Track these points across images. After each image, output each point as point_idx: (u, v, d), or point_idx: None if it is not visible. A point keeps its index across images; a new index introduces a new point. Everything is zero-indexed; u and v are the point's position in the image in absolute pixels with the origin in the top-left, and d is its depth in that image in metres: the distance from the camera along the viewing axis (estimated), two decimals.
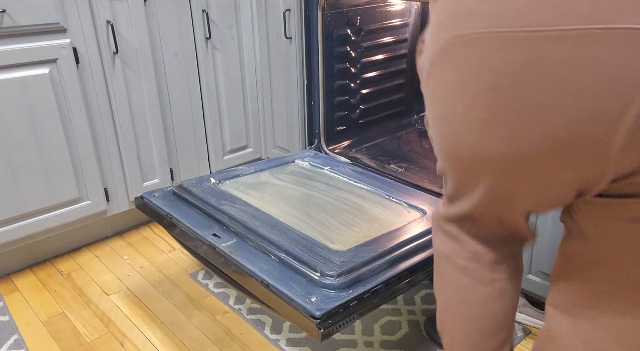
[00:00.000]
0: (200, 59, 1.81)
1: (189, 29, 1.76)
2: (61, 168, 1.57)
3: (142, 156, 1.76)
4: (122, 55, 1.61)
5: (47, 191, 1.56)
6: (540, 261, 1.23)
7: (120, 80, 1.62)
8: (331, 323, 0.95)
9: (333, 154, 1.81)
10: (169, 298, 1.52)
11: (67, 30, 1.49)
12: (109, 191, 1.71)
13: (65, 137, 1.55)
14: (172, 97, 1.79)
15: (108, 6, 1.54)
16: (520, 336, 1.31)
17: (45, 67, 1.47)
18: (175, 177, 1.88)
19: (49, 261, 1.72)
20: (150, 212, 1.41)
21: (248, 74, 1.97)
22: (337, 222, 1.30)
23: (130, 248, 1.79)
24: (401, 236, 1.20)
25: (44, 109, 1.49)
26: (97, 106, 1.61)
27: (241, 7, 1.86)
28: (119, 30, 1.58)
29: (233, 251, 1.16)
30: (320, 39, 1.70)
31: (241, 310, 1.45)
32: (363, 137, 1.98)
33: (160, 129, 1.77)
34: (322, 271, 1.05)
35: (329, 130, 1.87)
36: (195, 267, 1.66)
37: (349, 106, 1.93)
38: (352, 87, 1.91)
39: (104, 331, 1.39)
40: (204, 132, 1.92)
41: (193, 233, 1.25)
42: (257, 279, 1.07)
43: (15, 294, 1.55)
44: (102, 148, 1.66)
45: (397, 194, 1.45)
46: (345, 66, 1.85)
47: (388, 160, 1.78)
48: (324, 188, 1.51)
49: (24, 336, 1.37)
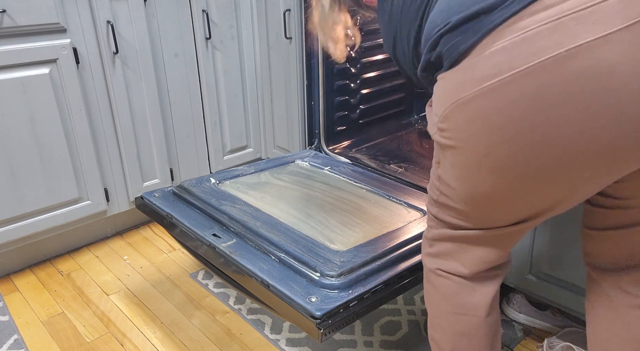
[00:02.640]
0: (200, 59, 1.81)
1: (189, 29, 1.76)
2: (61, 168, 1.57)
3: (142, 156, 1.76)
4: (122, 56, 1.61)
5: (47, 191, 1.56)
6: (540, 261, 1.23)
7: (120, 80, 1.62)
8: (331, 323, 0.95)
9: (333, 154, 1.81)
10: (169, 298, 1.52)
11: (67, 30, 1.49)
12: (109, 191, 1.71)
13: (65, 137, 1.55)
14: (172, 97, 1.79)
15: (108, 6, 1.54)
16: (520, 336, 1.31)
17: (45, 67, 1.47)
18: (175, 177, 1.88)
19: (49, 261, 1.72)
20: (150, 212, 1.41)
21: (248, 74, 1.97)
22: (337, 222, 1.30)
23: (130, 248, 1.79)
24: (401, 237, 1.20)
25: (44, 109, 1.49)
26: (97, 106, 1.61)
27: (241, 7, 1.86)
28: (119, 30, 1.58)
29: (233, 251, 1.16)
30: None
31: (241, 310, 1.45)
32: (363, 137, 1.98)
33: (160, 129, 1.77)
34: (322, 272, 1.05)
35: (329, 130, 1.87)
36: (195, 267, 1.66)
37: (349, 106, 1.92)
38: (352, 87, 1.91)
39: (104, 331, 1.39)
40: (204, 132, 1.92)
41: (193, 233, 1.25)
42: (257, 279, 1.07)
43: (15, 294, 1.55)
44: (102, 148, 1.66)
45: (397, 194, 1.45)
46: (346, 65, 1.85)
47: (388, 160, 1.78)
48: (324, 188, 1.51)
49: (24, 336, 1.37)
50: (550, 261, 1.21)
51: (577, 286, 1.18)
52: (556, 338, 1.22)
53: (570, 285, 1.19)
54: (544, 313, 1.33)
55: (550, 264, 1.21)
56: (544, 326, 1.33)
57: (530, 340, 1.31)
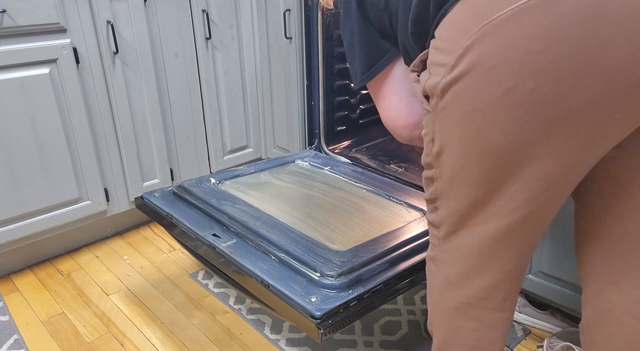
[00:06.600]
0: (200, 59, 1.81)
1: (189, 29, 1.76)
2: (61, 168, 1.57)
3: (142, 156, 1.76)
4: (122, 56, 1.61)
5: (47, 191, 1.56)
6: (540, 261, 1.23)
7: (120, 80, 1.62)
8: (331, 323, 0.95)
9: (333, 154, 1.81)
10: (169, 298, 1.52)
11: (67, 30, 1.49)
12: (109, 191, 1.71)
13: (65, 137, 1.55)
14: (172, 97, 1.79)
15: (108, 6, 1.54)
16: (520, 336, 1.31)
17: (45, 67, 1.47)
18: (175, 177, 1.88)
19: (49, 261, 1.72)
20: (150, 212, 1.41)
21: (248, 74, 1.97)
22: (337, 222, 1.30)
23: (130, 248, 1.79)
24: (401, 237, 1.20)
25: (44, 109, 1.49)
26: (97, 106, 1.61)
27: (241, 7, 1.86)
28: (119, 30, 1.58)
29: (233, 251, 1.16)
30: (320, 39, 1.70)
31: (241, 310, 1.45)
32: (363, 137, 1.98)
33: (160, 129, 1.77)
34: (322, 272, 1.05)
35: (329, 130, 1.87)
36: (195, 267, 1.66)
37: (349, 106, 1.92)
38: (352, 87, 1.91)
39: (104, 331, 1.39)
40: (204, 132, 1.92)
41: (193, 233, 1.25)
42: (257, 279, 1.07)
43: (15, 294, 1.55)
44: (102, 148, 1.66)
45: (397, 194, 1.45)
46: (346, 65, 1.85)
47: (388, 160, 1.78)
48: (324, 188, 1.51)
49: (24, 336, 1.37)
50: (550, 261, 1.21)
51: (577, 286, 1.18)
52: (556, 338, 1.22)
53: (570, 285, 1.19)
54: (544, 313, 1.33)
55: (550, 264, 1.21)
56: (544, 326, 1.33)
57: (530, 340, 1.31)
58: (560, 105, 0.57)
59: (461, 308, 0.78)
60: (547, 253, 1.21)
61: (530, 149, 0.62)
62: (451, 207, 0.73)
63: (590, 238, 0.78)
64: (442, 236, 0.77)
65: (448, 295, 0.79)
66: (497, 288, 0.75)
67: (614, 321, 0.77)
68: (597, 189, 0.74)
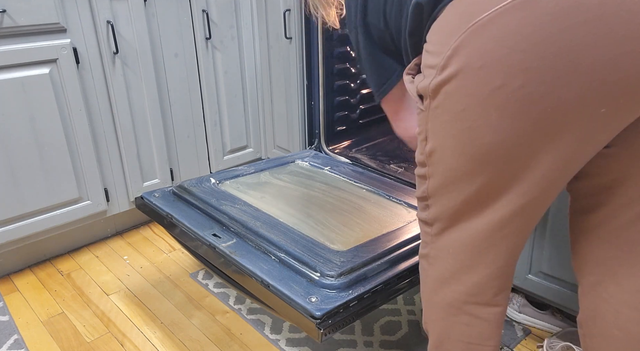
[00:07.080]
0: (200, 59, 1.81)
1: (189, 29, 1.76)
2: (61, 168, 1.57)
3: (142, 156, 1.76)
4: (122, 56, 1.61)
5: (47, 191, 1.56)
6: (540, 261, 1.23)
7: (120, 80, 1.62)
8: (331, 323, 0.95)
9: (333, 154, 1.81)
10: (169, 298, 1.52)
11: (67, 30, 1.49)
12: (109, 191, 1.71)
13: (65, 137, 1.55)
14: (172, 97, 1.79)
15: (108, 6, 1.54)
16: (520, 336, 1.31)
17: (45, 67, 1.47)
18: (175, 177, 1.88)
19: (49, 261, 1.72)
20: (150, 212, 1.41)
21: (248, 74, 1.97)
22: (337, 222, 1.30)
23: (130, 248, 1.79)
24: (401, 236, 1.20)
25: (44, 109, 1.49)
26: (97, 106, 1.61)
27: (241, 7, 1.86)
28: (119, 30, 1.58)
29: (233, 251, 1.16)
30: (320, 39, 1.70)
31: (241, 310, 1.45)
32: (363, 137, 1.98)
33: (160, 129, 1.77)
34: (322, 272, 1.05)
35: (329, 130, 1.87)
36: (195, 267, 1.66)
37: (349, 106, 1.92)
38: (352, 87, 1.91)
39: (104, 331, 1.39)
40: (204, 132, 1.92)
41: (193, 233, 1.25)
42: (257, 279, 1.07)
43: (15, 294, 1.55)
44: (102, 148, 1.66)
45: (397, 194, 1.45)
46: (345, 65, 1.85)
47: (388, 160, 1.78)
48: (324, 188, 1.51)
49: (24, 336, 1.37)
50: (550, 261, 1.21)
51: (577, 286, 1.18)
52: (556, 338, 1.22)
53: (570, 285, 1.19)
54: (544, 313, 1.33)
55: (550, 264, 1.21)
56: (544, 326, 1.33)
57: (530, 340, 1.31)
58: (548, 101, 0.58)
59: (455, 304, 0.79)
60: (547, 253, 1.21)
61: (521, 146, 0.63)
62: (443, 204, 0.74)
63: (586, 230, 0.78)
64: (434, 233, 0.78)
65: (442, 291, 0.79)
66: (489, 283, 0.76)
67: (612, 312, 0.78)
68: (593, 182, 0.75)
